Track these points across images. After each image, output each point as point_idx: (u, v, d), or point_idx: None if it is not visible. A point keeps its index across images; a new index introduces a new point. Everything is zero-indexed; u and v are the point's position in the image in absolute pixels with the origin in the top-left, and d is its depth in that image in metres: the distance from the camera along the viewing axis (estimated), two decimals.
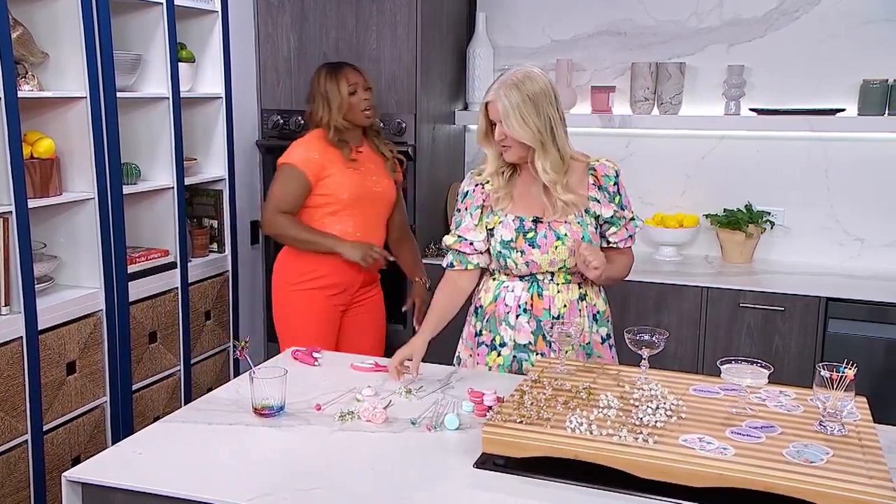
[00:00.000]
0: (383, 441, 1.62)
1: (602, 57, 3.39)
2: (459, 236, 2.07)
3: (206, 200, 3.15)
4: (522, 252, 1.99)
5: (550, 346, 2.02)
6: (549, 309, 2.01)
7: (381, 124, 2.81)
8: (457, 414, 1.70)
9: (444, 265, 2.12)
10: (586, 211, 2.01)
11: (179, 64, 2.87)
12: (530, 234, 1.99)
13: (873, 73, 3.01)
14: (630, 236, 2.07)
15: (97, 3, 2.50)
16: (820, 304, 2.78)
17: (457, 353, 2.19)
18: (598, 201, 2.02)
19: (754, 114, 3.14)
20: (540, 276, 2.02)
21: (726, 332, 2.90)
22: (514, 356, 2.05)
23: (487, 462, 1.50)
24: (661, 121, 3.27)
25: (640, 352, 1.76)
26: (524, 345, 2.03)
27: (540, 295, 2.02)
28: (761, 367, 1.66)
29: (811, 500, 1.29)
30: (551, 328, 1.90)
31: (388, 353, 2.51)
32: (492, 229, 2.03)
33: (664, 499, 1.37)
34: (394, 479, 1.47)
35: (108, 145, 2.59)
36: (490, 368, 2.07)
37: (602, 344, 2.08)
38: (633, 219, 2.07)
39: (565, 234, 1.98)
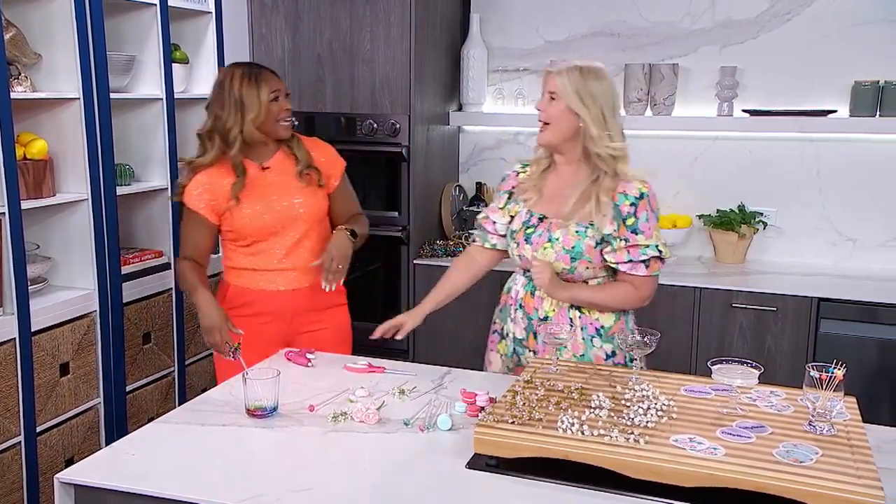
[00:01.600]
0: (376, 442, 1.63)
1: (596, 58, 3.30)
2: (486, 214, 2.15)
3: None
4: (518, 244, 2.02)
5: (537, 340, 2.03)
6: (538, 309, 2.02)
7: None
8: (449, 414, 1.71)
9: (469, 241, 2.18)
10: (591, 224, 1.94)
11: (173, 65, 2.88)
12: (530, 230, 2.01)
13: (865, 75, 3.03)
14: (631, 261, 1.93)
15: (90, 4, 2.50)
16: (812, 304, 2.79)
17: None
18: (605, 216, 1.93)
19: (747, 115, 3.15)
20: None
21: (719, 332, 2.91)
22: (514, 348, 2.09)
23: (479, 462, 1.50)
24: (654, 122, 3.28)
25: (631, 352, 1.77)
26: (520, 339, 2.07)
27: (532, 294, 2.04)
28: (752, 367, 1.67)
29: (801, 500, 1.30)
30: (545, 330, 1.91)
31: (383, 354, 2.52)
32: (513, 217, 2.08)
33: (655, 499, 1.38)
34: (386, 480, 1.47)
35: (102, 146, 2.59)
36: (500, 356, 2.13)
37: (606, 360, 2.01)
38: (646, 246, 1.92)
39: (557, 238, 1.96)
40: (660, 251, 1.95)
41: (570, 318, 2.00)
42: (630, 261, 1.94)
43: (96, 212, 2.58)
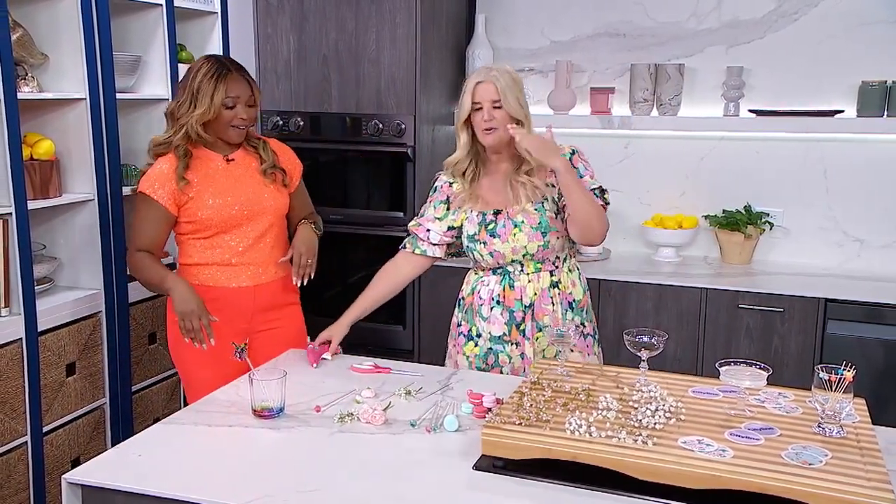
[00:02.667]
0: (383, 443, 1.63)
1: (601, 58, 3.39)
2: (418, 223, 2.19)
3: None
4: (485, 243, 2.09)
5: (524, 335, 2.08)
6: (521, 299, 2.09)
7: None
8: (456, 415, 1.70)
9: (400, 247, 2.23)
10: (545, 199, 2.07)
11: (179, 65, 2.88)
12: (491, 226, 2.09)
13: (872, 75, 3.01)
14: (542, 223, 2.05)
15: (97, 5, 2.51)
16: (819, 305, 2.78)
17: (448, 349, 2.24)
18: (554, 186, 2.06)
19: (753, 115, 3.14)
20: (510, 268, 2.10)
21: (725, 333, 2.90)
22: (490, 348, 2.12)
23: (487, 464, 1.50)
24: (660, 122, 3.27)
25: (639, 353, 1.77)
26: (499, 336, 2.11)
27: (511, 286, 2.10)
28: (760, 368, 1.66)
29: (810, 503, 1.29)
30: (550, 333, 1.91)
31: (387, 354, 2.52)
32: (460, 227, 2.14)
33: (664, 501, 1.37)
34: (393, 481, 1.47)
35: (108, 146, 2.59)
36: (468, 358, 2.14)
37: (575, 330, 2.09)
38: (590, 184, 2.06)
39: (522, 222, 2.06)
40: (603, 190, 2.09)
41: (551, 297, 2.08)
42: (591, 190, 2.06)
43: (102, 212, 2.58)
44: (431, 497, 1.42)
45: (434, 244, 2.16)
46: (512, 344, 2.09)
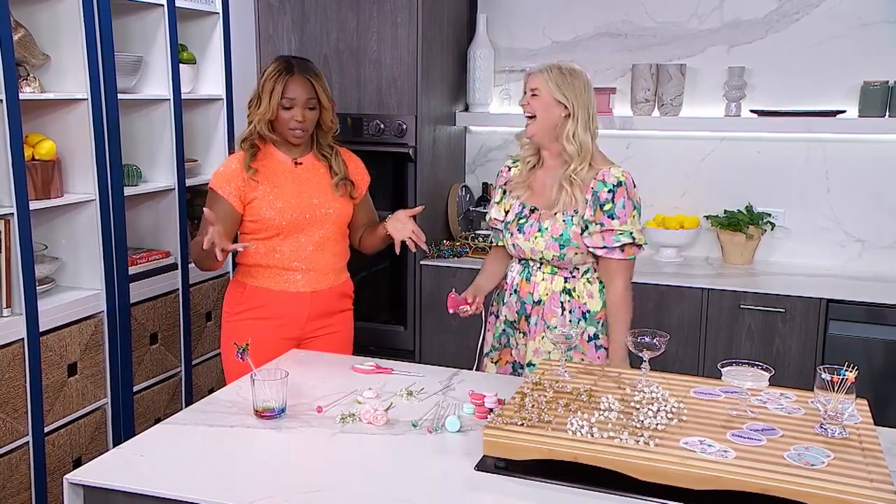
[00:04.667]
0: (384, 443, 1.63)
1: (602, 58, 3.39)
2: (492, 216, 2.24)
3: None
4: (511, 234, 2.14)
5: (529, 328, 2.14)
6: (533, 293, 2.13)
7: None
8: (458, 416, 1.70)
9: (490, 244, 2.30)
10: (576, 212, 2.07)
11: (180, 65, 2.88)
12: (522, 221, 2.14)
13: (874, 75, 3.01)
14: (605, 247, 2.04)
15: (98, 5, 2.50)
16: (820, 305, 2.78)
17: None
18: (588, 204, 2.06)
19: (755, 115, 3.14)
20: (531, 263, 2.15)
21: (727, 333, 2.90)
22: (504, 330, 2.21)
23: (488, 464, 1.50)
24: (661, 122, 3.27)
25: (640, 354, 1.77)
26: (511, 321, 2.19)
27: (528, 279, 2.15)
28: (762, 369, 1.66)
29: None
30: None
31: (388, 355, 2.52)
32: (507, 211, 2.19)
33: (666, 502, 1.37)
34: (395, 482, 1.47)
35: (110, 147, 2.59)
36: (493, 335, 2.24)
37: (588, 342, 2.13)
38: (620, 232, 2.03)
39: (546, 228, 2.08)
40: (633, 238, 2.05)
41: (561, 302, 2.10)
42: (604, 247, 2.05)
43: (104, 212, 2.58)
44: (433, 498, 1.42)
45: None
46: (520, 332, 2.16)
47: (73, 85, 2.50)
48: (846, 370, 1.48)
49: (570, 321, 2.09)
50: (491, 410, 1.72)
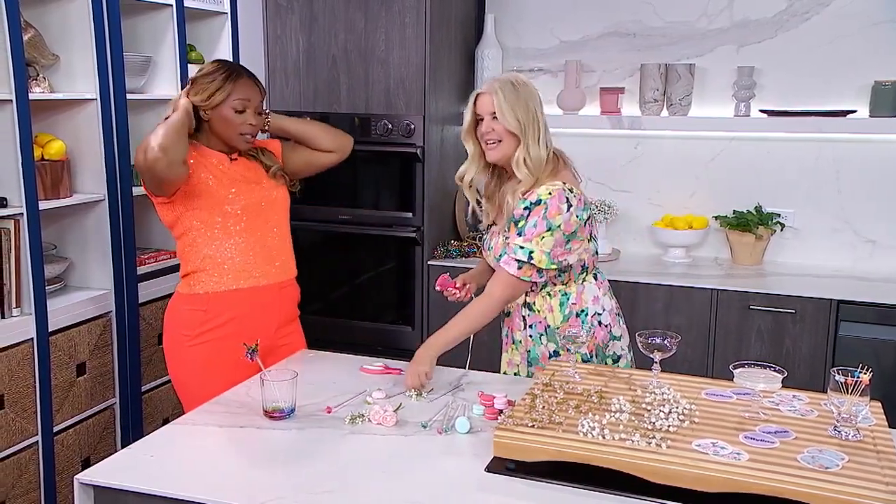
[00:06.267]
0: (394, 444, 1.62)
1: (611, 58, 3.38)
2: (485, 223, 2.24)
3: None
4: (480, 248, 2.13)
5: (500, 334, 2.16)
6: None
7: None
8: (467, 417, 1.70)
9: None
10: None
11: (189, 65, 2.88)
12: (485, 236, 2.17)
13: (884, 75, 2.99)
14: (505, 254, 1.94)
15: (108, 6, 2.51)
16: (831, 306, 2.76)
17: None
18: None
19: (764, 115, 3.13)
20: None
21: (736, 334, 2.88)
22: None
23: (499, 466, 1.49)
24: (670, 122, 3.25)
25: (651, 355, 1.76)
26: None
27: None
28: (774, 371, 1.65)
29: None
30: (562, 333, 1.90)
31: (396, 355, 2.51)
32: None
33: None
34: (404, 483, 1.46)
35: (119, 147, 2.60)
36: None
37: (549, 358, 2.02)
38: (520, 247, 1.90)
39: (491, 247, 2.08)
40: (531, 256, 1.90)
41: (524, 316, 2.05)
42: (504, 255, 1.95)
43: (113, 212, 2.59)
44: (443, 499, 1.41)
45: None
46: (504, 334, 2.17)
47: (82, 85, 2.51)
48: (860, 372, 1.47)
49: (531, 336, 2.04)
50: (501, 412, 1.71)
